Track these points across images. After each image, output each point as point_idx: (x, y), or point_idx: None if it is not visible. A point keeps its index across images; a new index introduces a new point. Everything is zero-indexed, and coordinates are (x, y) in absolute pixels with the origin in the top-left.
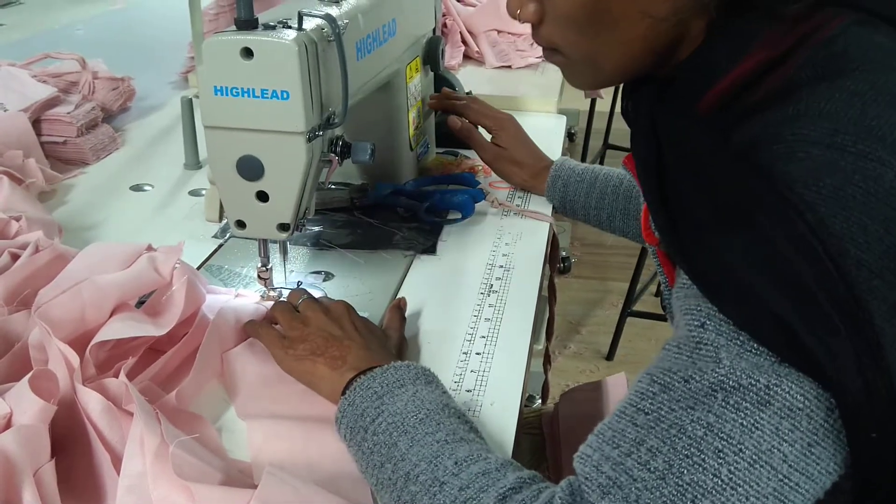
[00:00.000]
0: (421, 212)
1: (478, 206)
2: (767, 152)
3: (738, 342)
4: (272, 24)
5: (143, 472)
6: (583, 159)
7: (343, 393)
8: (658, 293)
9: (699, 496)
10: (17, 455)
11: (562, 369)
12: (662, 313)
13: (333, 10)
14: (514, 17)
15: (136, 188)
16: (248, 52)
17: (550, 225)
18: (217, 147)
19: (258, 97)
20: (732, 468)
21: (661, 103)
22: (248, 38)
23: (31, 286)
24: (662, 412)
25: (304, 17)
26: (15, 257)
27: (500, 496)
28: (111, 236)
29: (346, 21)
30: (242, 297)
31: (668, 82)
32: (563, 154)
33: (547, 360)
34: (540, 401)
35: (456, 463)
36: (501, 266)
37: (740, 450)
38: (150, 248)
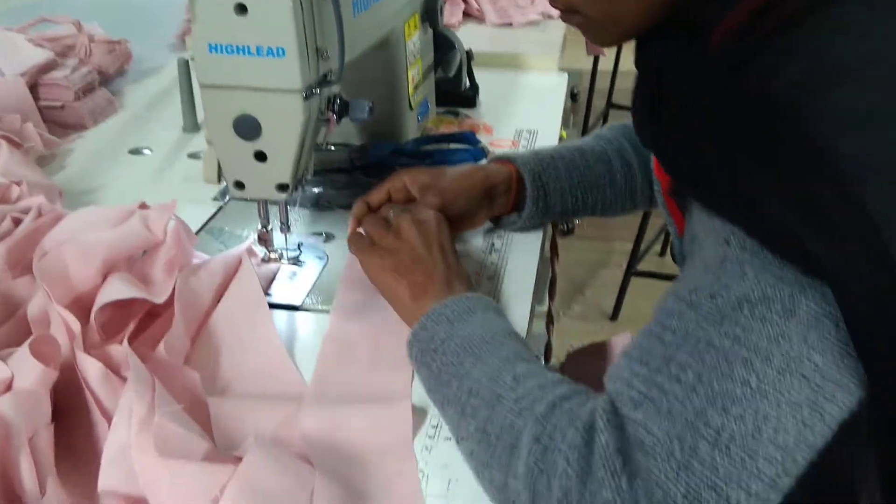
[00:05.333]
0: None
1: None
2: (785, 84)
3: (762, 256)
4: None
5: (127, 444)
6: (586, 120)
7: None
8: (665, 246)
9: (729, 404)
10: (13, 419)
11: (566, 330)
12: (666, 273)
13: None
14: None
15: (135, 152)
16: (242, 8)
17: None
18: (213, 106)
19: (253, 55)
20: (761, 376)
21: (670, 44)
22: None
23: (34, 251)
24: (690, 329)
25: None
26: (17, 222)
27: (551, 403)
28: (111, 200)
29: None
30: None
31: (680, 25)
32: (566, 116)
33: (550, 321)
34: (544, 361)
35: (514, 378)
36: None
37: (768, 358)
38: (143, 206)
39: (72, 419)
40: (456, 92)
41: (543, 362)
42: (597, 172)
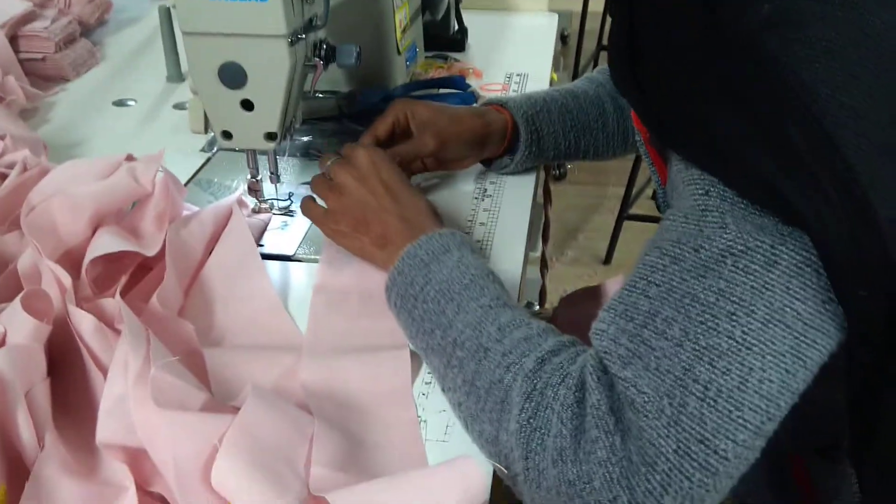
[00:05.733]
0: None
1: None
2: (755, 20)
3: (742, 205)
4: None
5: (124, 395)
6: (576, 62)
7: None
8: (654, 195)
9: (716, 358)
10: (8, 374)
11: (560, 276)
12: (659, 216)
13: None
14: None
15: (119, 103)
16: None
17: None
18: (197, 54)
19: None
20: (745, 329)
21: None
22: None
23: (21, 206)
24: (674, 283)
25: None
26: (2, 177)
27: (539, 359)
28: (96, 152)
29: None
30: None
31: None
32: (557, 58)
33: (544, 265)
34: (538, 306)
35: (499, 329)
36: None
37: (752, 311)
38: (130, 158)
39: (67, 373)
40: (444, 35)
41: (538, 307)
42: (590, 116)
